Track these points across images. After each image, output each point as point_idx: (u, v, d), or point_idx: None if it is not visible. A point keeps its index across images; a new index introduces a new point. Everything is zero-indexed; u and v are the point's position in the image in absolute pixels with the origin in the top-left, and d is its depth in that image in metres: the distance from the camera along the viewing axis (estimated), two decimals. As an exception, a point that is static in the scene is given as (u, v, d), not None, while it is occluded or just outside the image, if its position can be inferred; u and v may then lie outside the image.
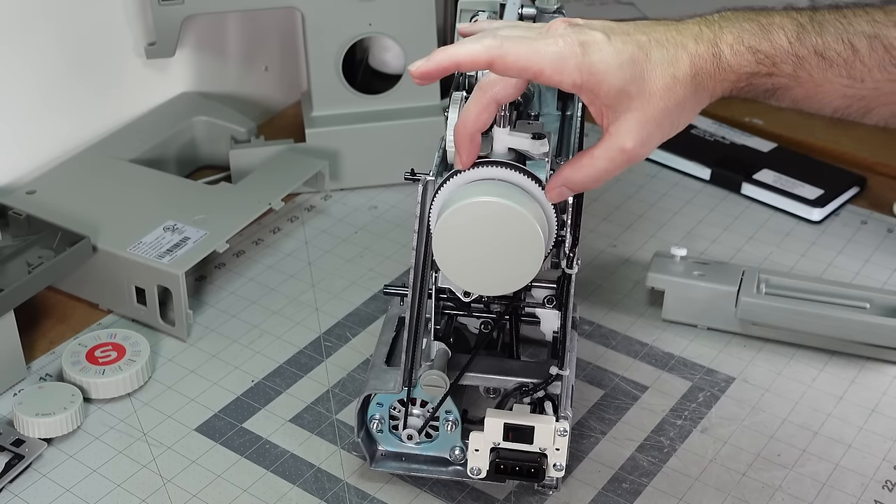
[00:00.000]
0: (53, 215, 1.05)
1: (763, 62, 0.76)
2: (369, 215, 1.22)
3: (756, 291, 1.03)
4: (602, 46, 0.75)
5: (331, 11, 1.20)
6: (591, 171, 0.77)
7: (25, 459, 0.90)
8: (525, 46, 0.74)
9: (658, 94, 0.75)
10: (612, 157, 0.76)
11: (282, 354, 1.03)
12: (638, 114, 0.75)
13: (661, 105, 0.76)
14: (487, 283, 0.80)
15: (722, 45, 0.76)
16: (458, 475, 0.88)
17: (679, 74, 0.75)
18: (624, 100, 0.75)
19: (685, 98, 0.76)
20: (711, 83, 0.77)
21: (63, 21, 1.16)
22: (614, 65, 0.74)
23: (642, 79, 0.75)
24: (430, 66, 0.75)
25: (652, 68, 0.75)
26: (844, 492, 0.90)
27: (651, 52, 0.76)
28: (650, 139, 0.76)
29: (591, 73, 0.74)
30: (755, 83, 0.77)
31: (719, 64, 0.76)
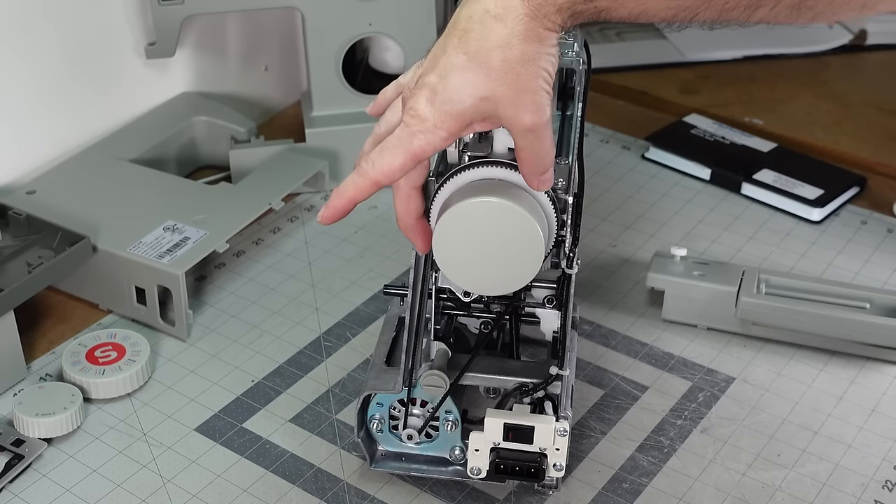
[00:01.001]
0: (53, 215, 1.05)
1: None
2: (369, 215, 1.22)
3: (756, 291, 1.03)
4: (439, 88, 0.74)
5: (331, 11, 1.20)
6: (523, 156, 0.76)
7: (25, 459, 0.90)
8: (386, 158, 0.76)
9: (506, 63, 0.73)
10: (526, 140, 0.75)
11: (282, 354, 1.03)
12: (504, 99, 0.73)
13: (513, 70, 0.73)
14: (487, 283, 0.80)
15: None
16: (458, 475, 0.88)
17: (510, 55, 0.73)
18: (488, 106, 0.73)
19: (522, 52, 0.73)
20: (537, 26, 0.73)
21: (63, 21, 1.16)
22: (468, 94, 0.73)
23: (486, 68, 0.73)
24: (334, 211, 0.79)
25: (485, 52, 0.73)
26: (844, 492, 0.90)
27: (468, 37, 0.75)
28: (534, 105, 0.74)
29: (455, 122, 0.74)
30: (579, 11, 0.74)
31: (542, 14, 0.73)
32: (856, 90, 1.45)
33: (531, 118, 0.74)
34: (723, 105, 1.39)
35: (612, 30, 1.57)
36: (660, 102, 1.41)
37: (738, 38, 1.53)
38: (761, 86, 1.46)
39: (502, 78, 0.73)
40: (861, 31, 1.55)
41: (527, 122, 0.74)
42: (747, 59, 1.50)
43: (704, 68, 1.49)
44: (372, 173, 0.77)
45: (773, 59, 1.50)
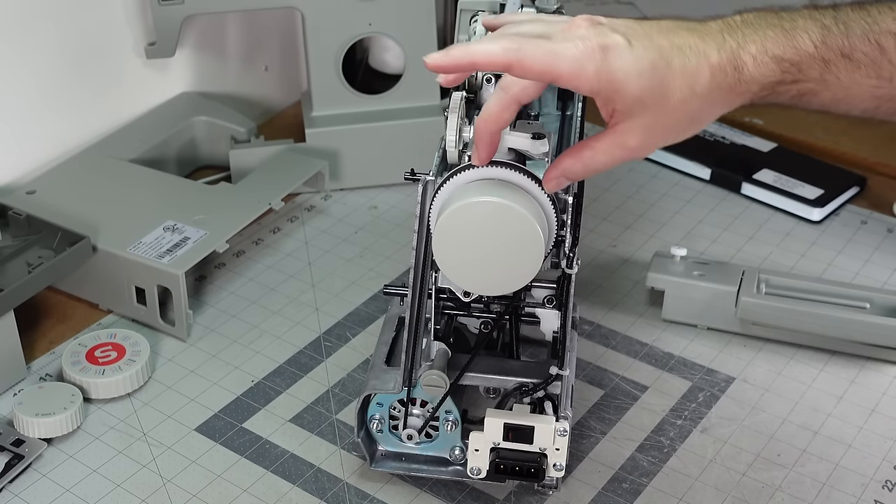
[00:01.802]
0: (53, 215, 1.05)
1: (788, 70, 0.74)
2: (369, 215, 1.22)
3: (756, 291, 1.03)
4: (623, 52, 0.73)
5: (331, 11, 1.20)
6: (589, 164, 0.76)
7: (25, 459, 0.90)
8: (543, 50, 0.72)
9: (673, 105, 0.74)
10: (614, 153, 0.76)
11: (282, 354, 1.03)
12: (649, 120, 0.74)
13: (675, 116, 0.74)
14: (487, 283, 0.80)
15: (745, 57, 0.74)
16: (458, 475, 0.88)
17: (698, 88, 0.74)
18: (638, 107, 0.74)
19: (700, 110, 0.75)
20: (731, 96, 0.75)
21: (63, 21, 1.16)
22: (633, 73, 0.73)
23: (660, 89, 0.73)
24: (447, 60, 0.74)
25: (672, 78, 0.73)
26: (844, 492, 0.90)
27: (672, 59, 0.74)
28: (655, 143, 0.76)
29: (609, 80, 0.73)
30: (780, 91, 0.75)
31: (741, 77, 0.74)
32: (856, 90, 1.45)
33: (638, 146, 0.75)
34: (723, 105, 1.39)
35: (612, 30, 1.57)
36: (660, 102, 1.40)
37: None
38: (761, 86, 1.45)
39: (667, 110, 0.73)
40: (861, 31, 1.55)
41: (632, 144, 0.75)
42: (747, 59, 1.50)
43: (704, 68, 1.48)
44: (513, 54, 0.72)
45: (773, 59, 1.50)
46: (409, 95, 1.24)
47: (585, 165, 0.76)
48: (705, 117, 0.76)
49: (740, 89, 0.74)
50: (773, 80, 0.74)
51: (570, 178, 0.77)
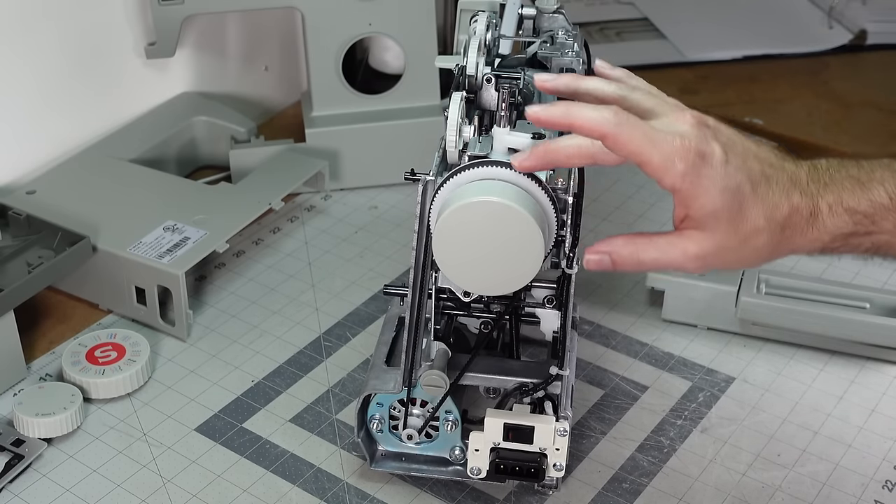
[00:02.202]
0: (53, 215, 1.05)
1: (861, 223, 0.74)
2: (369, 215, 1.22)
3: (756, 291, 1.03)
4: (716, 164, 0.73)
5: (331, 11, 1.20)
6: (639, 253, 0.75)
7: (25, 459, 0.90)
8: (640, 133, 0.72)
9: (745, 232, 0.73)
10: (669, 253, 0.75)
11: (282, 354, 1.03)
12: (718, 237, 0.73)
13: (742, 242, 0.73)
14: (487, 283, 0.80)
15: (822, 205, 0.74)
16: (458, 475, 0.88)
17: (773, 223, 0.73)
18: (711, 220, 0.73)
19: (768, 245, 0.74)
20: (802, 241, 0.74)
21: (63, 21, 1.16)
22: (718, 187, 0.73)
23: (738, 211, 0.73)
24: (547, 114, 0.74)
25: (752, 205, 0.73)
26: (844, 492, 0.90)
27: (759, 187, 0.73)
28: (713, 261, 0.74)
29: (692, 185, 0.73)
30: (853, 242, 0.74)
31: (815, 224, 0.74)
32: (856, 90, 1.45)
33: (696, 254, 0.74)
34: (723, 105, 1.39)
35: (611, 30, 1.57)
36: (660, 102, 1.40)
37: (738, 38, 1.54)
38: (761, 86, 1.46)
39: (737, 234, 0.73)
40: (861, 31, 1.55)
41: (692, 251, 0.74)
42: (747, 59, 1.50)
43: (704, 68, 1.49)
44: (612, 128, 0.72)
45: (773, 59, 1.50)
46: (409, 95, 1.24)
47: (633, 253, 0.75)
48: (770, 255, 0.75)
49: (812, 236, 0.74)
50: (845, 231, 0.74)
51: (616, 260, 0.76)
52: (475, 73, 0.86)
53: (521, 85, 0.84)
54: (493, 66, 0.89)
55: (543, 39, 0.93)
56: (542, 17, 0.95)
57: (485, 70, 0.86)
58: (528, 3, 0.96)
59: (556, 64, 0.92)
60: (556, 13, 0.95)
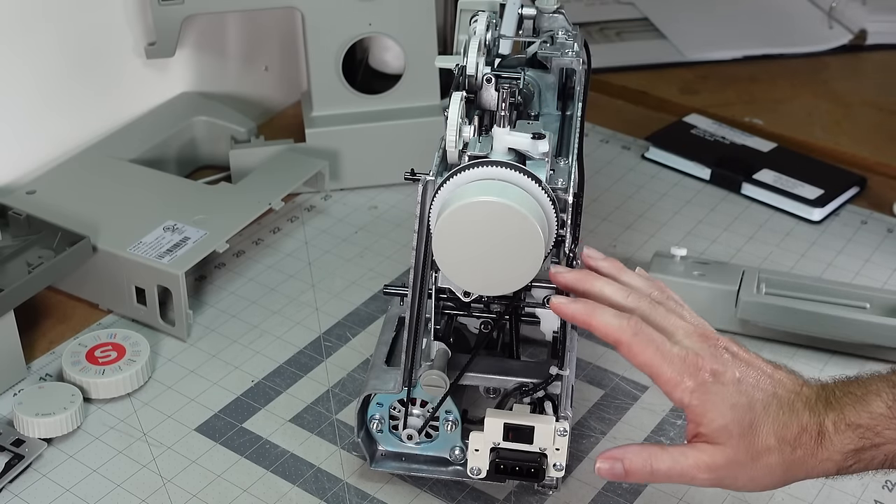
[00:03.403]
0: (53, 215, 1.05)
1: (865, 436, 0.74)
2: (369, 215, 1.22)
3: (756, 291, 1.03)
4: (727, 382, 0.75)
5: (331, 11, 1.20)
6: (654, 463, 0.76)
7: (25, 459, 0.90)
8: (653, 349, 0.76)
9: (757, 449, 0.74)
10: (682, 463, 0.75)
11: (282, 354, 1.03)
12: (729, 451, 0.75)
13: (754, 460, 0.74)
14: (487, 283, 0.80)
15: (827, 424, 0.75)
16: (458, 475, 0.88)
17: (783, 442, 0.74)
18: (723, 435, 0.75)
19: (780, 466, 0.75)
20: (813, 461, 0.75)
21: (63, 21, 1.16)
22: (728, 404, 0.74)
23: (749, 428, 0.74)
24: (571, 311, 0.78)
25: (762, 423, 0.74)
26: (844, 492, 0.90)
27: (770, 406, 0.75)
28: (724, 476, 0.75)
29: (701, 401, 0.75)
30: (865, 458, 0.75)
31: (823, 443, 0.74)
32: (856, 90, 1.45)
33: (709, 465, 0.75)
34: (723, 105, 1.39)
35: (611, 30, 1.57)
36: (660, 102, 1.41)
37: (738, 38, 1.54)
38: (761, 86, 1.46)
39: (749, 451, 0.74)
40: (861, 31, 1.55)
41: (704, 460, 0.75)
42: (747, 59, 1.51)
43: (704, 68, 1.49)
44: (626, 337, 0.76)
45: (773, 59, 1.50)
46: (409, 95, 1.24)
47: (646, 461, 0.76)
48: (784, 477, 0.75)
49: (822, 456, 0.75)
50: (852, 447, 0.74)
51: (628, 469, 0.77)
52: (475, 73, 0.86)
53: (521, 85, 0.84)
54: (493, 66, 0.89)
55: (543, 39, 0.94)
56: (542, 17, 0.95)
57: (485, 70, 0.86)
58: (528, 3, 0.96)
59: (556, 64, 0.92)
60: (556, 13, 0.95)
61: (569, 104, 0.95)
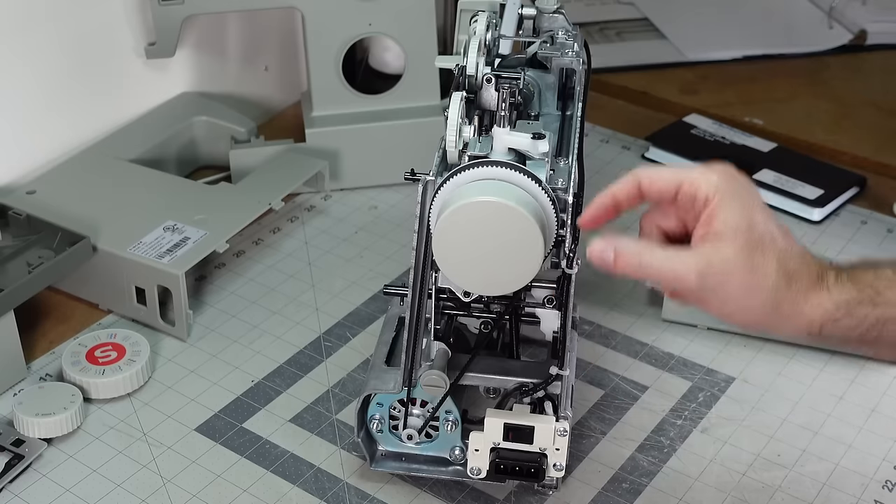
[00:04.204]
0: (53, 215, 1.05)
1: (864, 290, 0.73)
2: (369, 215, 1.22)
3: (756, 291, 1.03)
4: (754, 194, 0.75)
5: (331, 11, 1.20)
6: (644, 255, 0.75)
7: (25, 459, 0.90)
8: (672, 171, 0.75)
9: (755, 263, 0.72)
10: (673, 261, 0.74)
11: (282, 354, 1.03)
12: (729, 252, 0.72)
13: (749, 273, 0.72)
14: (487, 283, 0.80)
15: (829, 274, 0.74)
16: (458, 475, 0.88)
17: (781, 270, 0.72)
18: (730, 233, 0.73)
19: (771, 291, 0.72)
20: (804, 305, 0.73)
21: (63, 21, 1.16)
22: (747, 210, 0.73)
23: (757, 243, 0.72)
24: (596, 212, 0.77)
25: (768, 247, 0.73)
26: (844, 492, 0.90)
27: (777, 241, 0.74)
28: (712, 282, 0.73)
29: (723, 200, 0.73)
30: (858, 314, 0.73)
31: (820, 286, 0.73)
32: (856, 90, 1.45)
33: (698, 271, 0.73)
34: (723, 105, 1.39)
35: (611, 30, 1.57)
36: (660, 102, 1.41)
37: (738, 38, 1.54)
38: (761, 86, 1.46)
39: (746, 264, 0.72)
40: (861, 31, 1.55)
41: (691, 263, 0.73)
42: (747, 59, 1.51)
43: (704, 68, 1.49)
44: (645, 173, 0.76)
45: (773, 59, 1.50)
46: (409, 95, 1.24)
47: (637, 253, 0.75)
48: (773, 308, 0.73)
49: (815, 300, 0.73)
50: (847, 297, 0.73)
51: (619, 254, 0.75)
52: (475, 73, 0.86)
53: (521, 85, 0.84)
54: (493, 66, 0.89)
55: (543, 39, 0.94)
56: (542, 17, 0.95)
57: (485, 70, 0.86)
58: (528, 3, 0.96)
59: (556, 64, 0.92)
60: (556, 13, 0.95)
61: (569, 104, 0.95)
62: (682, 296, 0.75)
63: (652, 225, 0.78)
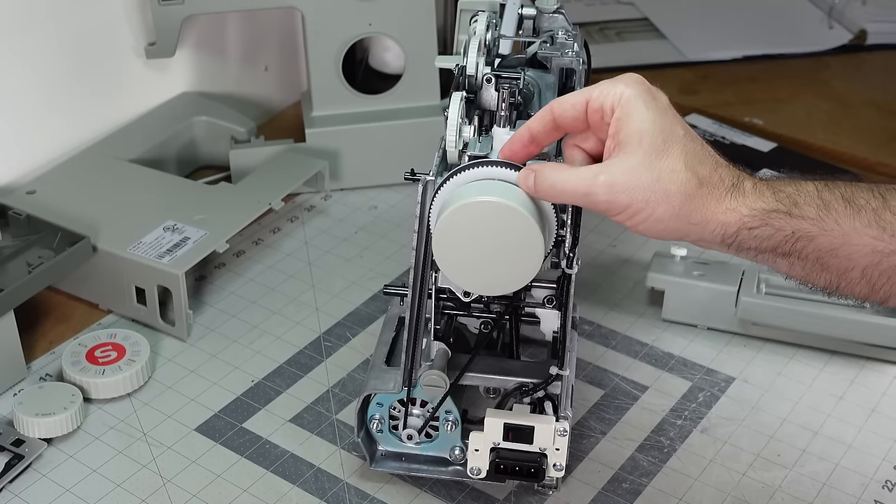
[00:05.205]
0: (53, 215, 1.05)
1: (783, 200, 0.72)
2: (369, 215, 1.22)
3: (756, 291, 1.03)
4: (660, 101, 0.74)
5: (331, 11, 1.20)
6: (558, 175, 0.74)
7: (25, 459, 0.90)
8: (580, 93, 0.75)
9: (661, 168, 0.71)
10: (583, 175, 0.73)
11: (282, 354, 1.03)
12: (633, 161, 0.72)
13: (654, 180, 0.71)
14: (487, 283, 0.80)
15: (746, 181, 0.73)
16: (458, 475, 0.88)
17: (690, 171, 0.71)
18: (634, 140, 0.72)
19: (679, 194, 0.71)
20: (715, 207, 0.72)
21: (63, 21, 1.16)
22: (652, 116, 0.72)
23: (662, 145, 0.72)
24: None
25: (675, 147, 0.72)
26: (844, 492, 0.90)
27: (691, 142, 0.73)
28: (620, 192, 0.72)
29: (630, 105, 0.73)
30: (772, 224, 0.72)
31: (734, 193, 0.72)
32: (856, 90, 1.45)
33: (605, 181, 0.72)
34: (723, 105, 1.39)
35: (611, 30, 1.57)
36: (660, 102, 1.40)
37: (738, 38, 1.54)
38: (761, 86, 1.46)
39: (655, 167, 0.71)
40: (861, 31, 1.55)
41: (601, 178, 0.72)
42: (747, 59, 1.51)
43: (704, 68, 1.49)
44: None
45: (773, 59, 1.51)
46: (409, 95, 1.24)
47: (552, 173, 0.74)
48: (680, 212, 0.72)
49: (728, 204, 0.71)
50: (763, 206, 0.72)
51: (538, 179, 0.75)
52: (475, 73, 0.86)
53: (521, 85, 0.84)
54: (493, 66, 0.89)
55: (543, 39, 0.94)
56: (542, 17, 0.95)
57: (485, 70, 0.86)
58: (528, 3, 0.96)
59: (556, 64, 0.92)
60: (556, 13, 0.95)
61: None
62: (606, 212, 0.73)
63: (573, 148, 0.78)
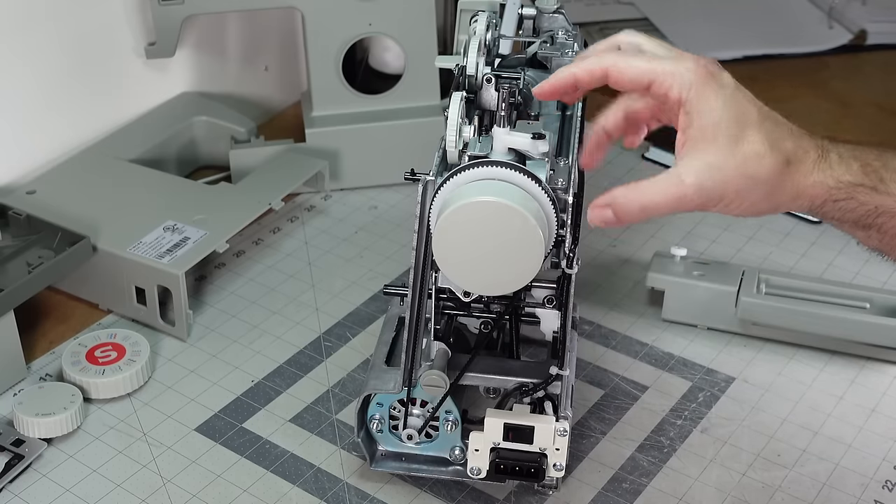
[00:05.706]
0: (53, 215, 1.05)
1: (869, 175, 0.71)
2: (369, 215, 1.22)
3: (756, 291, 1.03)
4: (725, 84, 0.72)
5: (331, 11, 1.20)
6: (642, 198, 0.73)
7: (25, 459, 0.90)
8: (644, 60, 0.73)
9: (744, 153, 0.71)
10: (669, 188, 0.72)
11: (282, 354, 1.03)
12: (714, 152, 0.71)
13: (740, 168, 0.71)
14: (487, 283, 0.80)
15: (832, 153, 0.72)
16: (458, 475, 0.88)
17: (776, 152, 0.71)
18: (710, 130, 0.71)
19: (769, 175, 0.71)
20: (803, 182, 0.71)
21: (63, 21, 1.16)
22: (723, 99, 0.71)
23: (741, 131, 0.71)
24: (550, 84, 0.76)
25: (755, 130, 0.71)
26: (844, 492, 0.90)
27: (765, 121, 0.72)
28: (710, 187, 0.71)
29: (699, 95, 0.71)
30: (858, 197, 0.71)
31: (821, 165, 0.71)
32: (856, 90, 1.45)
33: (692, 181, 0.71)
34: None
35: (612, 30, 1.57)
36: (660, 102, 1.40)
37: (738, 38, 1.54)
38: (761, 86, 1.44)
39: (735, 157, 0.71)
40: (861, 31, 1.55)
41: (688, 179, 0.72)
42: (747, 59, 1.50)
43: (704, 68, 1.49)
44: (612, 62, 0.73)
45: (773, 59, 1.50)
46: (409, 95, 1.24)
47: (635, 199, 0.73)
48: (772, 193, 0.72)
49: (816, 177, 0.71)
50: (852, 179, 0.71)
51: (618, 211, 0.73)
52: (475, 73, 0.86)
53: (521, 85, 0.84)
54: (493, 66, 0.89)
55: (543, 39, 0.94)
56: (542, 17, 0.95)
57: (485, 70, 0.86)
58: (528, 3, 0.96)
59: (556, 64, 0.92)
60: (556, 13, 0.95)
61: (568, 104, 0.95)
62: (699, 209, 0.73)
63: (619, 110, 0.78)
